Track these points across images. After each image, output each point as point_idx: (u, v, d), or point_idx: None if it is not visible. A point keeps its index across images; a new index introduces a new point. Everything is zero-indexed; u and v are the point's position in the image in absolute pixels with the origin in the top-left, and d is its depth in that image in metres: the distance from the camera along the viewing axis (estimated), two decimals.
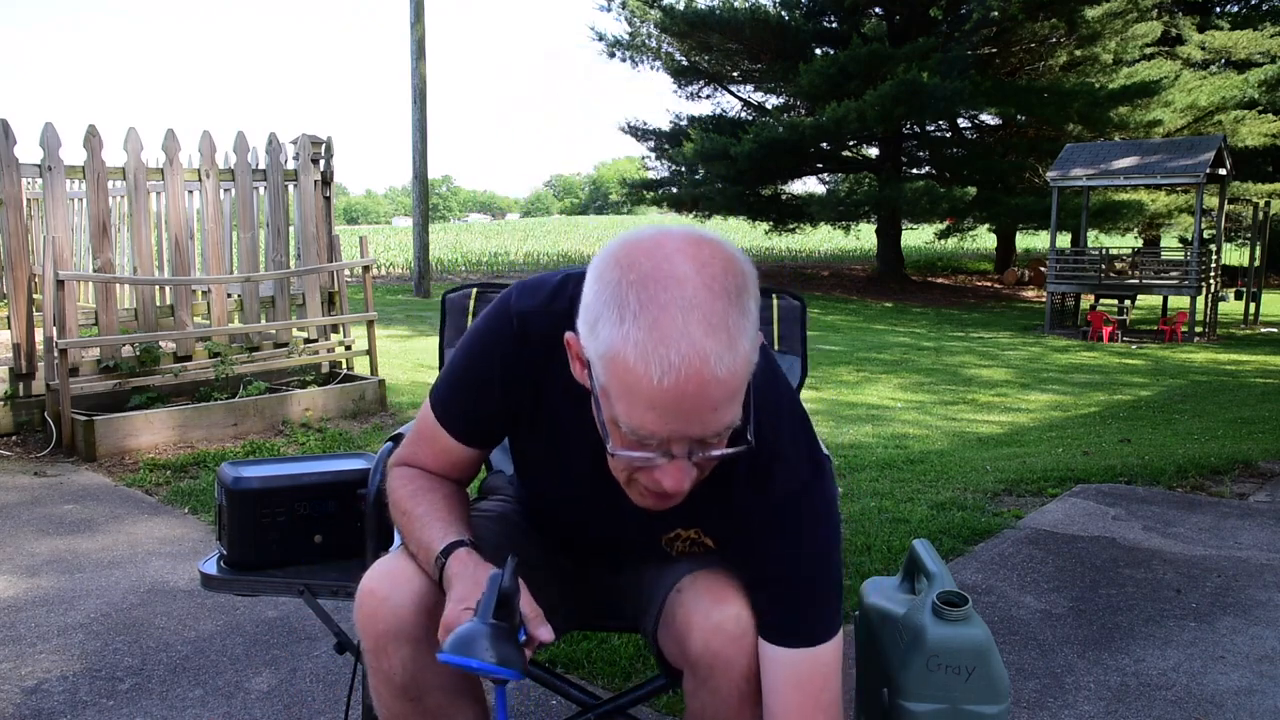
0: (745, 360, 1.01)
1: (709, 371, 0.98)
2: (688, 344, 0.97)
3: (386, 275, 21.41)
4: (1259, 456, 4.66)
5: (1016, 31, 19.62)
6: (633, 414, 1.02)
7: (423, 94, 14.93)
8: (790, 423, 1.27)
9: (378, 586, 1.26)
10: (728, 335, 0.99)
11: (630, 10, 21.22)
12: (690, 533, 1.32)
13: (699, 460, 1.08)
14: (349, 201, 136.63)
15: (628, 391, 1.01)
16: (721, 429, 1.03)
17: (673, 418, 1.01)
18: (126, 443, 4.72)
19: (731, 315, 1.00)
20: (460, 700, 1.31)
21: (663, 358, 0.97)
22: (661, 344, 0.97)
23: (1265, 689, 2.26)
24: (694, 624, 1.24)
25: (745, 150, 18.27)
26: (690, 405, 1.00)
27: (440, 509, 1.30)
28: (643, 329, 0.98)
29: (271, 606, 2.77)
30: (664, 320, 0.98)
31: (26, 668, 2.42)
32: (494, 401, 1.29)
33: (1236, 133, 19.57)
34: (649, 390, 0.99)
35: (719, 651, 1.22)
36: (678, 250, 1.03)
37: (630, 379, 1.00)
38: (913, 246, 30.78)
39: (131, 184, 5.37)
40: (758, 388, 1.14)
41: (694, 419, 1.01)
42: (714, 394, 0.99)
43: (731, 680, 1.23)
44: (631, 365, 0.99)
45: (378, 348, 6.25)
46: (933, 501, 3.92)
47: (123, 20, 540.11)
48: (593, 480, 1.26)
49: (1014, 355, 11.46)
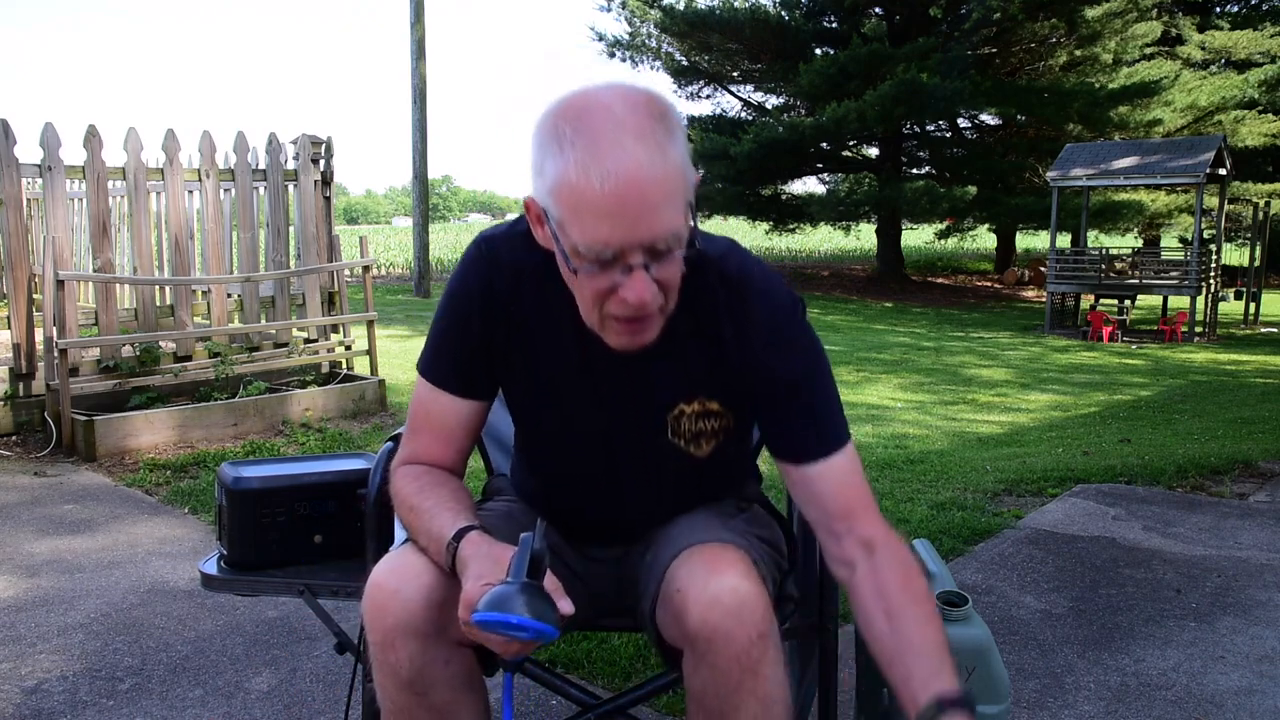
0: (677, 168, 1.12)
1: (643, 172, 1.09)
2: (621, 151, 1.09)
3: (386, 275, 21.43)
4: (1259, 456, 4.66)
5: (1016, 31, 19.61)
6: (585, 231, 1.12)
7: (423, 94, 14.94)
8: (762, 267, 1.35)
9: (386, 580, 1.26)
10: (656, 143, 1.11)
11: (630, 10, 21.21)
12: (693, 405, 1.36)
13: (658, 275, 1.15)
14: (349, 201, 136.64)
15: (577, 210, 1.12)
16: (667, 234, 1.13)
17: (620, 222, 1.11)
18: (126, 443, 4.73)
19: (659, 131, 1.12)
20: (464, 695, 1.31)
21: (601, 167, 1.09)
22: (598, 157, 1.09)
23: (1265, 689, 2.26)
24: (690, 597, 1.23)
25: (745, 150, 18.26)
26: (634, 208, 1.10)
27: (447, 501, 1.31)
28: (580, 149, 1.10)
29: (271, 606, 2.77)
30: (598, 138, 1.10)
31: (26, 668, 2.43)
32: (475, 335, 1.35)
33: (1236, 133, 19.56)
34: (594, 199, 1.10)
35: (717, 625, 1.20)
36: (603, 90, 1.15)
37: (576, 196, 1.11)
38: (913, 246, 30.79)
39: (131, 184, 5.37)
40: (730, 247, 1.32)
41: (640, 222, 1.11)
42: (652, 195, 1.10)
43: (731, 654, 1.21)
44: (575, 182, 1.10)
45: (378, 348, 6.25)
46: (933, 501, 3.92)
47: (123, 20, 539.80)
48: (579, 393, 1.35)
49: (1014, 355, 11.46)
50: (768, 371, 1.31)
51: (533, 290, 1.32)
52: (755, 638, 1.21)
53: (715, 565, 1.25)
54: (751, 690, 1.21)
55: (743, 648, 1.20)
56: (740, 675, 1.21)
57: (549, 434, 1.45)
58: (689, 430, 1.37)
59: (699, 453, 1.39)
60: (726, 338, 1.32)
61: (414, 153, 15.20)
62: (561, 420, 1.41)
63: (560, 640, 2.39)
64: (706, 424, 1.37)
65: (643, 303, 1.16)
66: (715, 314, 1.31)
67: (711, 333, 1.32)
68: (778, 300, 1.32)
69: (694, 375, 1.34)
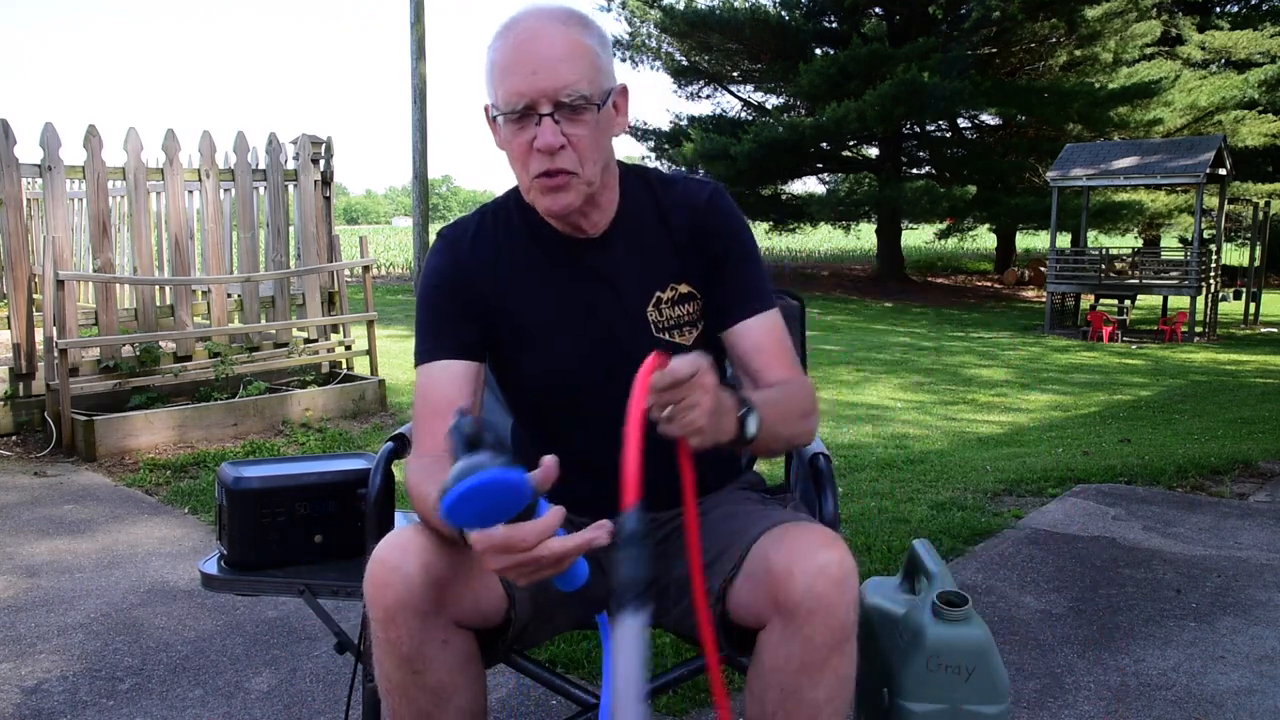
0: (582, 43, 1.32)
1: (543, 29, 1.30)
2: (527, 19, 1.32)
3: (386, 275, 21.42)
4: (1259, 456, 4.66)
5: (1016, 31, 19.61)
6: (501, 87, 1.31)
7: (423, 94, 14.93)
8: (684, 174, 1.57)
9: (389, 556, 1.28)
10: (562, 19, 1.32)
11: (630, 10, 21.21)
12: (667, 291, 1.48)
13: (568, 131, 1.31)
14: (349, 201, 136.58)
15: (495, 71, 1.32)
16: (567, 85, 1.29)
17: (521, 70, 1.29)
18: (126, 443, 4.73)
19: (571, 20, 1.32)
20: (461, 679, 1.32)
21: (515, 32, 1.31)
22: (514, 26, 1.32)
23: (1265, 689, 2.26)
24: (796, 567, 1.25)
25: (745, 150, 18.26)
26: (532, 59, 1.29)
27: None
28: (505, 31, 1.33)
29: (271, 606, 2.77)
30: (519, 21, 1.32)
31: (26, 668, 2.43)
32: (457, 299, 1.47)
33: (1236, 133, 19.55)
34: (504, 56, 1.30)
35: (823, 594, 1.23)
36: (537, 3, 1.35)
37: (499, 63, 1.31)
38: (913, 246, 30.78)
39: (131, 184, 5.37)
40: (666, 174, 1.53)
41: (540, 71, 1.28)
42: (550, 48, 1.29)
43: (830, 626, 1.23)
44: (498, 50, 1.32)
45: (378, 348, 6.25)
46: (933, 501, 3.92)
47: (123, 20, 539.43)
48: (563, 318, 1.46)
49: (1014, 355, 11.46)
50: (709, 236, 1.48)
51: (488, 245, 1.49)
52: (849, 610, 1.24)
53: (820, 539, 1.28)
54: (835, 667, 1.24)
55: (841, 620, 1.23)
56: (829, 651, 1.23)
57: (542, 378, 1.49)
58: (670, 319, 1.48)
59: (685, 340, 1.48)
60: (675, 229, 1.49)
61: (414, 153, 15.18)
62: (553, 357, 1.48)
63: (560, 640, 2.39)
64: (683, 309, 1.48)
65: (549, 147, 1.31)
66: (655, 206, 1.49)
67: (653, 223, 1.49)
68: (701, 187, 1.50)
69: (657, 264, 1.48)
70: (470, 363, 1.45)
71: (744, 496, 1.57)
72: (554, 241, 1.46)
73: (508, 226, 1.49)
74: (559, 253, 1.46)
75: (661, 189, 1.50)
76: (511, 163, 1.39)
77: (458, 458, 1.02)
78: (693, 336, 1.50)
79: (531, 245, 1.47)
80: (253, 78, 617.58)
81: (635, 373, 1.41)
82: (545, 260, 1.47)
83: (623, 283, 1.47)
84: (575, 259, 1.46)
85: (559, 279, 1.47)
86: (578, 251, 1.46)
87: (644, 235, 1.48)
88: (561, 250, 1.46)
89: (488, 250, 1.49)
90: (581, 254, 1.46)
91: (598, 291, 1.46)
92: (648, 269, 1.48)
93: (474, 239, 1.50)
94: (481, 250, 1.49)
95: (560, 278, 1.46)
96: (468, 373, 1.45)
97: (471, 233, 1.51)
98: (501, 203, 1.52)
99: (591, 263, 1.46)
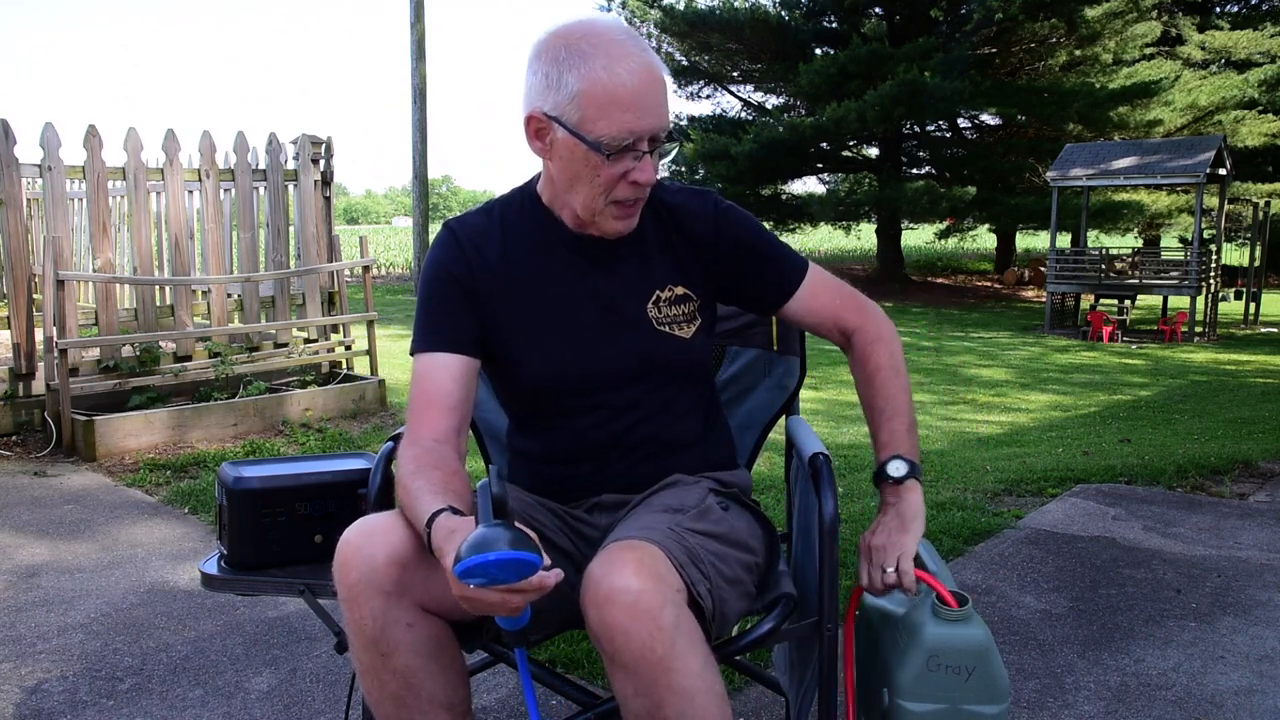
0: (665, 77, 1.40)
1: (656, 71, 1.37)
2: (638, 51, 1.36)
3: (386, 275, 21.43)
4: (1259, 456, 4.66)
5: (1016, 31, 19.59)
6: (615, 122, 1.35)
7: (423, 94, 14.93)
8: (681, 185, 1.62)
9: (354, 538, 1.31)
10: (646, 43, 1.39)
11: (630, 10, 21.19)
12: (666, 291, 1.54)
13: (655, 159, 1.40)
14: (349, 201, 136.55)
15: (608, 105, 1.34)
16: (669, 123, 1.40)
17: (644, 111, 1.35)
18: (126, 443, 4.73)
19: (648, 45, 1.39)
20: (430, 664, 1.32)
21: (627, 67, 1.34)
22: (622, 59, 1.34)
23: (1265, 689, 2.26)
24: (588, 600, 1.22)
25: (745, 150, 18.25)
26: (652, 98, 1.36)
27: (434, 483, 1.33)
28: (605, 56, 1.34)
29: (271, 606, 2.77)
30: (615, 48, 1.35)
31: (26, 668, 2.43)
32: (458, 292, 1.50)
33: (1236, 133, 19.54)
34: (626, 94, 1.34)
35: (614, 623, 1.18)
36: (593, 17, 1.40)
37: (608, 94, 1.34)
38: (913, 246, 30.76)
39: (131, 184, 5.37)
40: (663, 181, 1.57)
41: (654, 110, 1.37)
42: (661, 89, 1.38)
43: (634, 651, 1.17)
44: (606, 82, 1.34)
45: (378, 348, 6.25)
46: (933, 501, 3.92)
47: (123, 20, 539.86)
48: (568, 314, 1.51)
49: (1014, 355, 11.46)
50: (729, 244, 1.55)
51: (494, 239, 1.53)
52: (655, 631, 1.18)
53: (613, 565, 1.23)
54: (668, 686, 1.19)
55: (644, 643, 1.18)
56: (652, 672, 1.19)
57: (542, 364, 1.51)
58: (668, 315, 1.53)
59: (684, 334, 1.53)
60: (676, 240, 1.55)
61: (414, 153, 15.19)
62: (553, 348, 1.50)
63: (560, 640, 2.39)
64: (680, 308, 1.54)
65: (651, 182, 1.41)
66: (655, 210, 1.55)
67: (654, 225, 1.55)
68: (703, 200, 1.58)
69: (658, 264, 1.55)
70: (466, 357, 1.47)
71: (678, 494, 1.51)
72: (564, 239, 1.52)
73: (518, 222, 1.54)
74: (567, 250, 1.52)
75: (661, 195, 1.56)
76: (577, 182, 1.43)
77: (484, 513, 1.14)
78: (691, 330, 1.55)
79: (540, 242, 1.52)
80: (253, 78, 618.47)
81: (632, 364, 1.53)
82: (552, 256, 1.52)
83: (625, 279, 1.53)
84: (583, 256, 1.52)
85: (564, 275, 1.52)
86: (586, 250, 1.52)
87: (646, 237, 1.54)
88: (570, 248, 1.52)
89: (493, 244, 1.52)
90: (589, 252, 1.52)
91: (601, 287, 1.52)
92: (649, 268, 1.54)
93: (480, 232, 1.53)
94: (486, 243, 1.52)
95: (566, 274, 1.52)
96: (463, 366, 1.47)
97: (478, 226, 1.54)
98: (511, 199, 1.56)
99: (597, 260, 1.52)
